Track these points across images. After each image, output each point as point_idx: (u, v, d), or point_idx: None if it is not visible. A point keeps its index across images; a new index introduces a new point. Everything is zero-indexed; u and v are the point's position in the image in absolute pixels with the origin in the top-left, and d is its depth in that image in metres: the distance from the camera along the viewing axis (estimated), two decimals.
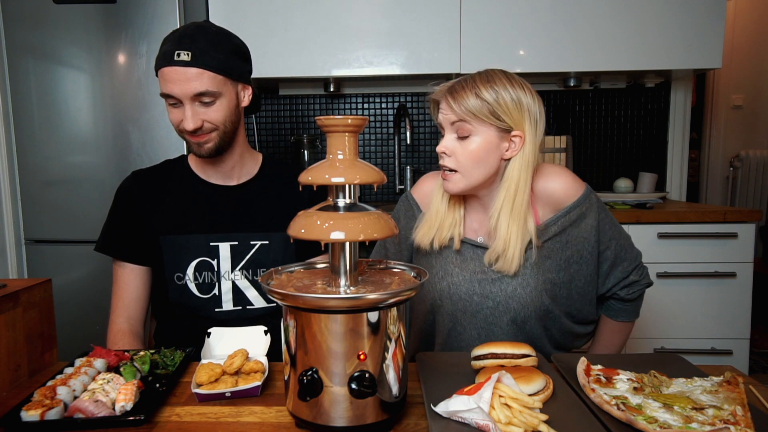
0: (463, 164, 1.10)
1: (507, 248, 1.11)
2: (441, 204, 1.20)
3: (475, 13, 2.30)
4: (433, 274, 1.20)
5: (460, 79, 1.12)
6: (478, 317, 1.18)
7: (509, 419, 0.73)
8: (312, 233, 0.73)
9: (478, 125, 1.08)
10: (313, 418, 0.75)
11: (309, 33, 2.32)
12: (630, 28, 2.30)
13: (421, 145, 2.78)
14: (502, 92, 1.07)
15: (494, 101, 1.07)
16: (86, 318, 2.04)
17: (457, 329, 1.20)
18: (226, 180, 1.31)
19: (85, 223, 2.11)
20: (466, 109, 1.07)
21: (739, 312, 2.16)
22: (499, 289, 1.15)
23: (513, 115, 1.07)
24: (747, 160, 3.96)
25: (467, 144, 1.09)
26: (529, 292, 1.14)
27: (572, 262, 1.18)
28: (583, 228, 1.16)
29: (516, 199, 1.10)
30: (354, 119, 0.75)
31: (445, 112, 1.11)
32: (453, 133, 1.11)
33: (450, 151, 1.11)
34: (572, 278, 1.19)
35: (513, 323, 1.17)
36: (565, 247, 1.17)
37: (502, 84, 1.08)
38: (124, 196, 1.29)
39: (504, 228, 1.11)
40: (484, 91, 1.07)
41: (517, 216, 1.10)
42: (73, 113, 2.10)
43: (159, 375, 0.95)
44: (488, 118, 1.07)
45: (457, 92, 1.09)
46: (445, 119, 1.12)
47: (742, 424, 0.72)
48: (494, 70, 1.12)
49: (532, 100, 1.09)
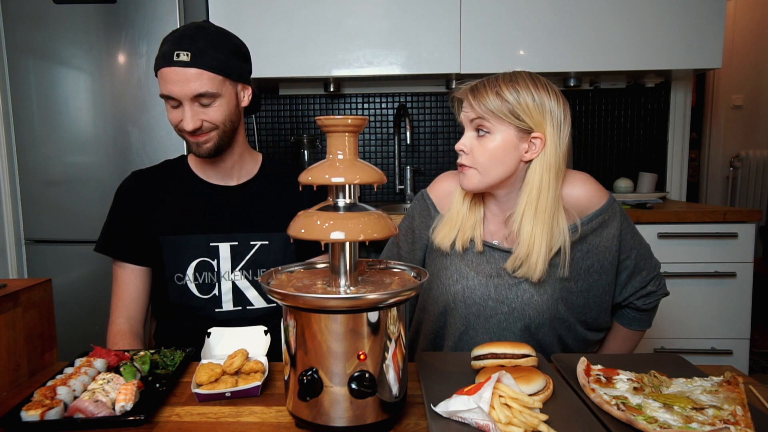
0: (481, 162, 1.10)
1: (531, 253, 1.08)
2: (462, 205, 1.19)
3: (475, 13, 2.30)
4: (447, 276, 1.18)
5: (485, 78, 1.12)
6: (491, 322, 1.16)
7: (509, 419, 0.73)
8: (312, 233, 0.73)
9: (497, 123, 1.08)
10: (313, 418, 0.75)
11: (309, 33, 2.31)
12: (630, 28, 2.30)
13: (421, 145, 2.78)
14: (524, 93, 1.06)
15: (515, 101, 1.06)
16: (86, 318, 2.04)
17: (469, 333, 1.18)
18: (226, 180, 1.31)
19: (85, 223, 2.11)
20: (485, 108, 1.07)
21: (739, 312, 2.16)
22: (516, 296, 1.14)
23: (533, 115, 1.06)
24: (747, 160, 3.96)
25: (486, 142, 1.09)
26: (546, 300, 1.13)
27: (592, 271, 1.16)
28: (605, 237, 1.14)
29: (539, 203, 1.08)
30: (354, 119, 0.75)
31: (466, 110, 1.12)
32: (473, 131, 1.11)
33: (468, 148, 1.11)
34: (591, 287, 1.17)
35: (526, 330, 1.15)
36: (586, 256, 1.15)
37: (525, 85, 1.07)
38: (124, 197, 1.29)
39: (527, 232, 1.08)
40: (505, 90, 1.07)
41: (542, 221, 1.08)
42: (73, 113, 2.10)
43: (159, 375, 0.95)
44: (507, 117, 1.06)
45: (479, 91, 1.09)
46: (465, 117, 1.12)
47: (742, 424, 0.72)
48: (520, 72, 1.11)
49: (557, 103, 1.08)
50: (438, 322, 1.23)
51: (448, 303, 1.18)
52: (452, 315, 1.19)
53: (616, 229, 1.15)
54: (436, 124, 2.77)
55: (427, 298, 1.24)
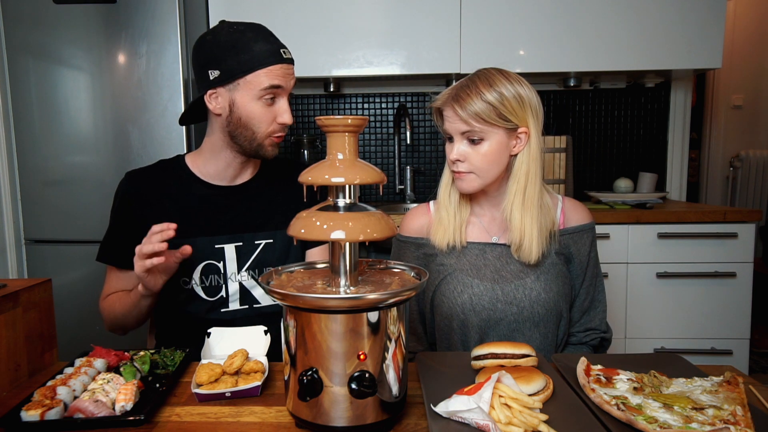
0: (478, 166, 1.13)
1: (523, 239, 1.14)
2: (450, 207, 1.21)
3: (475, 13, 2.30)
4: (450, 290, 1.18)
5: (460, 84, 1.13)
6: (501, 325, 1.17)
7: (509, 419, 0.73)
8: (312, 233, 0.73)
9: (488, 129, 1.11)
10: (313, 418, 0.75)
11: (309, 33, 2.32)
12: (630, 28, 2.30)
13: (421, 145, 2.78)
14: (504, 91, 1.10)
15: (499, 102, 1.09)
16: (86, 318, 2.04)
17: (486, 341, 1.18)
18: (227, 180, 1.30)
19: (84, 223, 2.11)
20: (474, 114, 1.09)
21: (739, 312, 2.16)
22: (524, 295, 1.15)
23: (517, 113, 1.11)
24: (747, 160, 3.96)
25: (479, 148, 1.12)
26: (552, 297, 1.16)
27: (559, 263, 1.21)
28: (580, 245, 1.22)
29: (527, 191, 1.14)
30: (354, 119, 0.75)
31: (453, 120, 1.13)
32: (464, 140, 1.13)
33: (463, 157, 1.14)
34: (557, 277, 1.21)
35: (535, 328, 1.16)
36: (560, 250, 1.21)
37: (501, 83, 1.11)
38: (123, 201, 1.26)
39: (518, 220, 1.14)
40: (487, 93, 1.09)
41: (530, 208, 1.14)
42: (73, 113, 2.10)
43: (159, 375, 0.95)
44: (496, 121, 1.10)
45: (463, 99, 1.10)
46: (454, 128, 1.14)
47: (742, 424, 0.72)
48: (489, 70, 1.14)
49: (530, 91, 1.13)
50: (453, 339, 1.20)
51: (458, 315, 1.17)
52: (466, 326, 1.17)
53: (589, 244, 1.23)
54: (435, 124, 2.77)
55: (437, 317, 1.22)
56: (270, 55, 1.18)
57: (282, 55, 1.19)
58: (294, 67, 1.23)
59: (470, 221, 1.23)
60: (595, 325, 1.23)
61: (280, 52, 1.19)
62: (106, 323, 1.28)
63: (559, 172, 2.34)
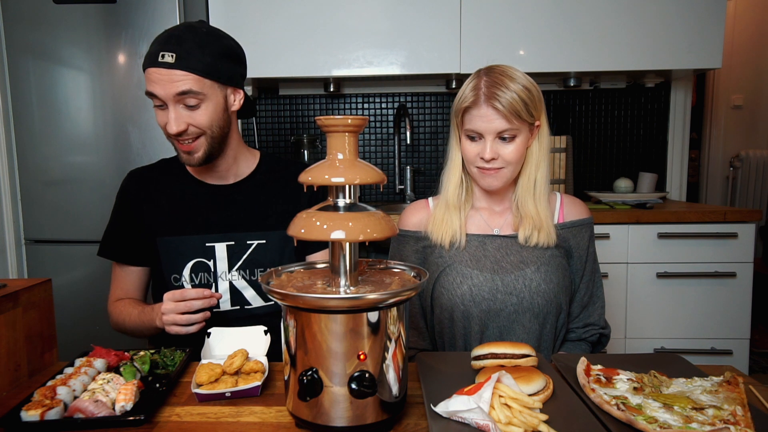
0: (510, 161, 1.16)
1: (541, 223, 1.18)
2: (458, 207, 1.23)
3: (475, 13, 2.30)
4: (450, 281, 1.19)
5: (489, 82, 1.13)
6: (501, 315, 1.17)
7: (509, 419, 0.73)
8: (312, 233, 0.73)
9: (521, 126, 1.14)
10: (313, 418, 0.75)
11: (309, 33, 2.31)
12: (630, 27, 2.30)
13: (421, 145, 2.78)
14: (527, 84, 1.14)
15: (528, 97, 1.13)
16: (86, 318, 2.04)
17: (486, 334, 1.18)
18: (221, 180, 1.30)
19: (85, 223, 2.11)
20: (513, 111, 1.11)
21: (739, 312, 2.16)
22: (524, 285, 1.16)
23: (537, 106, 1.16)
24: (747, 160, 3.96)
25: (510, 144, 1.15)
26: (552, 288, 1.17)
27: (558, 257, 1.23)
28: (579, 238, 1.23)
29: (537, 181, 1.19)
30: (354, 119, 0.75)
31: (490, 119, 1.12)
32: (495, 137, 1.14)
33: (496, 154, 1.15)
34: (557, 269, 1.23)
35: (535, 319, 1.17)
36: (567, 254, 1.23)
37: (519, 78, 1.15)
38: (123, 198, 1.29)
39: (531, 208, 1.19)
40: (516, 90, 1.12)
41: (540, 196, 1.19)
42: (73, 113, 2.10)
43: (159, 375, 0.95)
44: (528, 117, 1.14)
45: (497, 96, 1.11)
46: (489, 128, 1.13)
47: (742, 424, 0.72)
48: (501, 67, 1.16)
49: (534, 82, 1.17)
50: (455, 331, 1.20)
51: (457, 306, 1.17)
52: (467, 318, 1.18)
53: (587, 239, 1.25)
54: (436, 124, 2.77)
55: (436, 310, 1.23)
56: (147, 57, 1.13)
57: (158, 58, 1.10)
58: (183, 71, 1.10)
59: (470, 215, 1.25)
60: (594, 321, 1.24)
61: (158, 55, 1.10)
62: (112, 325, 1.30)
63: (559, 172, 2.34)
